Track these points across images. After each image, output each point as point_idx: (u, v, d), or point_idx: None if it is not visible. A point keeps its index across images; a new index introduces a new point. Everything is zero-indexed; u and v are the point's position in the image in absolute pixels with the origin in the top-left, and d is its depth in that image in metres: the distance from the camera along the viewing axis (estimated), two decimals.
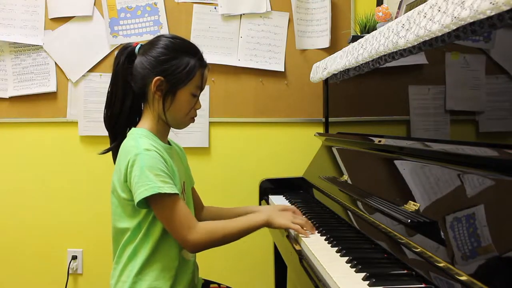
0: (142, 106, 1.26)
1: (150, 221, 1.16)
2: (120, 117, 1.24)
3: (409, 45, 1.11)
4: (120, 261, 1.18)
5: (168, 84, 1.19)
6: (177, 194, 1.13)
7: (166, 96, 1.20)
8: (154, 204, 1.12)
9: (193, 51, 1.23)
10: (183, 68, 1.20)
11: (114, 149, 1.25)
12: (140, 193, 1.09)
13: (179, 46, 1.23)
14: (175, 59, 1.20)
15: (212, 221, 1.24)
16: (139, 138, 1.17)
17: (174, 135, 1.33)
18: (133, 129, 1.23)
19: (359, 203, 1.26)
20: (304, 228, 1.22)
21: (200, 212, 1.44)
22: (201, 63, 1.24)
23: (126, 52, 1.24)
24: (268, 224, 1.22)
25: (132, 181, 1.11)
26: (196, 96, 1.24)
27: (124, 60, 1.23)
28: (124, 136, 1.22)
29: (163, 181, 1.11)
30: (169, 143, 1.30)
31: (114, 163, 1.23)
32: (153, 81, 1.18)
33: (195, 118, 1.28)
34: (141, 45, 1.24)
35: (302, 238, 1.19)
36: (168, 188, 1.10)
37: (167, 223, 1.14)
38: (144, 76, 1.20)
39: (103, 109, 1.26)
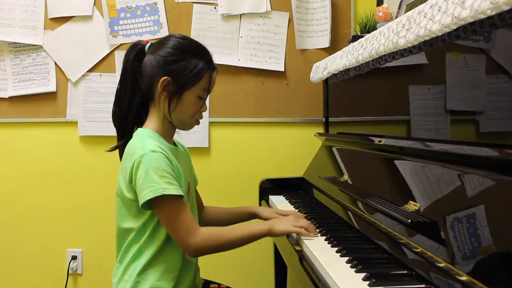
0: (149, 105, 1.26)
1: (156, 222, 1.15)
2: (128, 115, 1.24)
3: (409, 45, 1.11)
4: (123, 260, 1.18)
5: (174, 85, 1.19)
6: (182, 196, 1.12)
7: (172, 97, 1.19)
8: (158, 206, 1.12)
9: (202, 53, 1.23)
10: (191, 70, 1.19)
11: (121, 147, 1.24)
12: (144, 195, 1.09)
13: (188, 47, 1.22)
14: (183, 61, 1.19)
15: (215, 227, 1.23)
16: (145, 139, 1.16)
17: (174, 134, 1.33)
18: (139, 129, 1.22)
19: (359, 203, 1.26)
20: (307, 230, 1.21)
21: (200, 212, 1.43)
22: (210, 65, 1.23)
23: (136, 50, 1.23)
24: (270, 233, 1.20)
25: (137, 182, 1.11)
26: (202, 99, 1.23)
27: (133, 58, 1.23)
28: (132, 135, 1.21)
29: (168, 182, 1.10)
30: (174, 144, 1.30)
31: (121, 160, 1.23)
32: (159, 81, 1.18)
33: (200, 120, 1.27)
34: (151, 43, 1.24)
35: (302, 239, 1.19)
36: (174, 190, 1.10)
37: (170, 226, 1.13)
38: (152, 75, 1.19)
39: (112, 106, 1.25)
